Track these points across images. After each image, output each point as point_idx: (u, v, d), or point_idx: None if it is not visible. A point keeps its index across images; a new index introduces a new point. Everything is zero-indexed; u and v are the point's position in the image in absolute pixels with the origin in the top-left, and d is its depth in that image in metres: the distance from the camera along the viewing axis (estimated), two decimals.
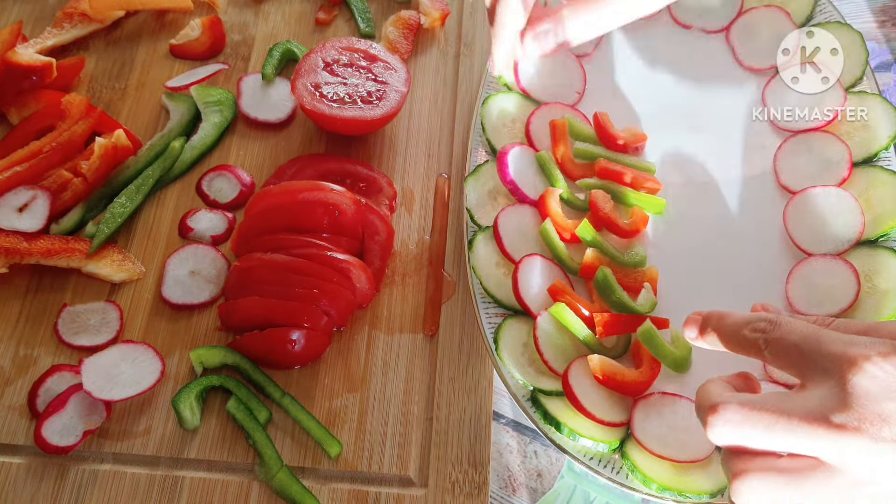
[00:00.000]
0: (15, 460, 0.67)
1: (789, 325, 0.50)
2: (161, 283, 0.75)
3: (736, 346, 0.54)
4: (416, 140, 0.84)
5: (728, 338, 0.55)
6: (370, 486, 0.66)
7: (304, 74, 0.79)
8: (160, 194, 0.81)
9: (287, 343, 0.69)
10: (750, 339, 0.52)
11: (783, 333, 0.50)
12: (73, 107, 0.81)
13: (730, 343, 0.55)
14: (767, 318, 0.52)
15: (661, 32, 0.87)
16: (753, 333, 0.52)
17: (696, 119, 0.82)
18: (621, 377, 0.66)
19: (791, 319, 0.51)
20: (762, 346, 0.51)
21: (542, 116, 0.80)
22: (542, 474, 0.71)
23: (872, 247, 0.71)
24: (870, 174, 0.74)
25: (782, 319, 0.51)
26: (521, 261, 0.71)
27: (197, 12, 0.93)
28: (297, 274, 0.70)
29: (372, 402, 0.70)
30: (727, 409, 0.48)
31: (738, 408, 0.47)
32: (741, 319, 0.54)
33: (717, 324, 0.56)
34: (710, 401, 0.49)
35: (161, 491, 0.66)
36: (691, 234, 0.76)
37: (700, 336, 0.57)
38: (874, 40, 0.92)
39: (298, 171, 0.80)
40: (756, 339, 0.51)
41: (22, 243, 0.73)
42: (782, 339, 0.50)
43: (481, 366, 0.72)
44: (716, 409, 0.48)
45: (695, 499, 0.61)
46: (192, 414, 0.68)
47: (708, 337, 0.57)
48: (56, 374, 0.70)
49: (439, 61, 0.89)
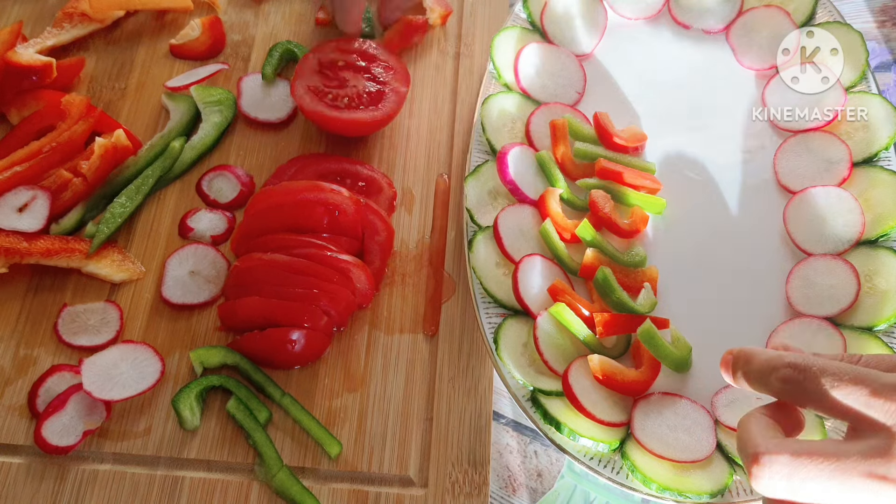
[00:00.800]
0: (15, 460, 0.67)
1: (822, 371, 0.47)
2: (161, 283, 0.75)
3: (772, 394, 0.51)
4: (416, 140, 0.84)
5: (759, 386, 0.51)
6: (370, 486, 0.66)
7: (303, 75, 0.79)
8: (160, 194, 0.81)
9: (287, 343, 0.69)
10: (780, 390, 0.49)
11: (819, 386, 0.46)
12: (73, 107, 0.81)
13: (763, 391, 0.51)
14: (793, 364, 0.48)
15: (661, 32, 0.87)
16: (783, 385, 0.48)
17: (696, 119, 0.82)
18: (621, 377, 0.66)
19: (821, 362, 0.48)
20: (799, 398, 0.48)
21: (542, 116, 0.80)
22: (542, 474, 0.71)
23: (872, 247, 0.71)
24: (870, 174, 0.74)
25: (810, 364, 0.48)
26: (521, 261, 0.71)
27: (197, 12, 0.93)
28: (297, 274, 0.70)
29: (372, 402, 0.70)
30: (775, 461, 0.45)
31: (788, 460, 0.45)
32: (765, 366, 0.50)
33: (745, 369, 0.52)
34: (754, 446, 0.46)
35: (161, 491, 0.66)
36: (691, 234, 0.76)
37: (734, 381, 0.54)
38: (874, 40, 0.92)
39: (298, 171, 0.80)
40: (787, 391, 0.48)
41: (22, 243, 0.73)
42: (820, 392, 0.46)
43: (481, 366, 0.72)
44: (762, 459, 0.45)
45: (695, 499, 0.61)
46: (192, 414, 0.68)
47: (740, 382, 0.53)
48: (56, 374, 0.70)
49: (439, 61, 0.89)
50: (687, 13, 0.87)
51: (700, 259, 0.75)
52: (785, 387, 0.49)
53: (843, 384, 0.46)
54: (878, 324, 0.67)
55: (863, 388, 0.45)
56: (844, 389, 0.46)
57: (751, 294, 0.72)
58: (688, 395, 0.67)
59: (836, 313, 0.69)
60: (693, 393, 0.67)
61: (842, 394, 0.46)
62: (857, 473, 0.43)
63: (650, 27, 0.87)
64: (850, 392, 0.45)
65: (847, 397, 0.45)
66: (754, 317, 0.71)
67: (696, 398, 0.66)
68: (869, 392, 0.45)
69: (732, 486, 0.62)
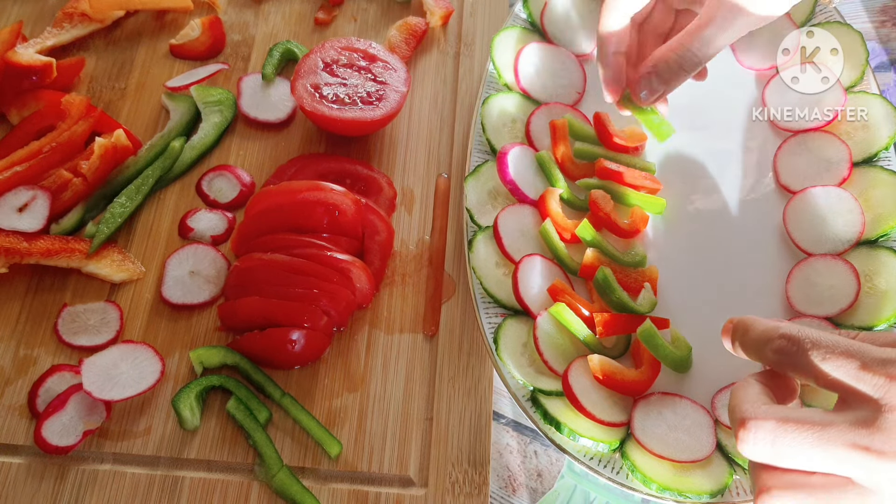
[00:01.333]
0: (15, 460, 0.67)
1: (815, 343, 0.48)
2: (161, 283, 0.75)
3: (767, 364, 0.52)
4: (416, 140, 0.84)
5: (755, 356, 0.53)
6: (370, 486, 0.66)
7: (303, 75, 0.79)
8: (160, 194, 0.81)
9: (287, 343, 0.69)
10: (775, 360, 0.50)
11: (811, 357, 0.47)
12: (73, 107, 0.81)
13: (759, 360, 0.52)
14: (787, 335, 0.49)
15: None
16: (777, 356, 0.50)
17: (696, 119, 0.82)
18: (621, 377, 0.66)
19: (815, 334, 0.48)
20: (791, 369, 0.49)
21: (542, 116, 0.80)
22: (542, 474, 0.71)
23: (872, 247, 0.71)
24: (870, 174, 0.74)
25: (803, 336, 0.48)
26: (521, 261, 0.71)
27: (197, 12, 0.93)
28: (297, 274, 0.70)
29: (372, 402, 0.70)
30: (761, 426, 0.46)
31: (773, 426, 0.46)
32: (761, 336, 0.51)
33: (742, 339, 0.53)
34: (743, 411, 0.47)
35: (161, 491, 0.66)
36: (691, 234, 0.76)
37: (733, 350, 0.55)
38: (874, 40, 0.92)
39: (298, 171, 0.80)
40: (781, 361, 0.49)
41: (22, 243, 0.73)
42: (811, 363, 0.47)
43: (481, 366, 0.72)
44: (749, 424, 0.47)
45: (695, 499, 0.61)
46: (192, 414, 0.68)
47: (739, 352, 0.54)
48: (56, 374, 0.70)
49: (439, 61, 0.89)
50: None
51: (700, 259, 0.75)
52: (778, 357, 0.50)
53: (834, 356, 0.47)
54: (878, 324, 0.67)
55: (853, 360, 0.46)
56: (835, 362, 0.47)
57: (751, 294, 0.72)
58: (688, 395, 0.67)
59: (836, 313, 0.69)
60: (693, 393, 0.67)
61: (832, 366, 0.47)
62: (841, 442, 0.44)
63: None
64: (840, 364, 0.46)
65: (837, 369, 0.46)
66: None
67: (696, 398, 0.66)
68: (858, 365, 0.46)
69: (732, 486, 0.62)
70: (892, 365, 0.45)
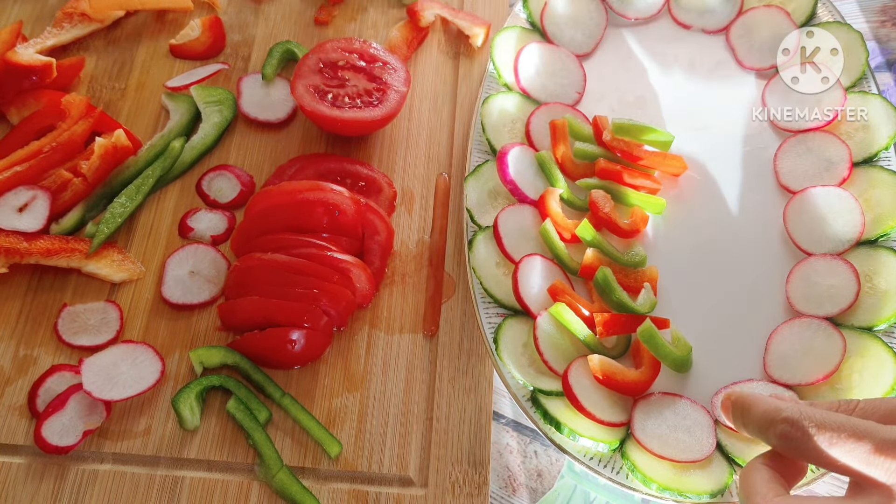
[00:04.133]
0: (15, 460, 0.67)
1: (819, 426, 0.46)
2: (161, 283, 0.75)
3: (770, 446, 0.51)
4: (416, 140, 0.84)
5: (758, 437, 0.51)
6: (370, 486, 0.66)
7: (303, 75, 0.79)
8: (160, 194, 0.81)
9: (287, 343, 0.69)
10: (779, 446, 0.49)
11: (818, 442, 0.46)
12: (73, 107, 0.81)
13: (764, 442, 0.51)
14: (789, 420, 0.48)
15: (661, 32, 0.87)
16: (781, 442, 0.48)
17: (696, 119, 0.82)
18: (621, 377, 0.66)
19: (818, 416, 0.47)
20: (797, 454, 0.48)
21: (542, 116, 0.80)
22: (542, 474, 0.71)
23: (872, 247, 0.71)
24: (870, 174, 0.74)
25: (806, 419, 0.47)
26: (521, 261, 0.71)
27: (197, 12, 0.93)
28: (297, 274, 0.70)
29: (372, 402, 0.70)
30: None
31: None
32: (762, 419, 0.50)
33: (743, 420, 0.53)
34: (755, 501, 0.47)
35: (161, 491, 0.66)
36: (691, 234, 0.76)
37: (734, 427, 0.54)
38: (874, 40, 0.92)
39: (298, 171, 0.80)
40: (786, 447, 0.48)
41: (22, 243, 0.73)
42: (818, 449, 0.46)
43: (481, 366, 0.72)
44: None
45: (695, 499, 0.61)
46: (192, 414, 0.68)
47: (741, 430, 0.53)
48: (56, 374, 0.70)
49: (439, 61, 0.89)
50: (687, 13, 0.87)
51: (700, 259, 0.75)
52: (783, 443, 0.48)
53: (842, 441, 0.45)
54: (878, 324, 0.67)
55: (862, 444, 0.45)
56: (843, 446, 0.45)
57: (751, 294, 0.72)
58: (688, 395, 0.67)
59: (836, 313, 0.69)
60: (693, 393, 0.67)
61: (840, 451, 0.45)
62: None
63: (650, 27, 0.87)
64: (849, 449, 0.45)
65: (846, 455, 0.45)
66: (754, 317, 0.71)
67: (696, 398, 0.66)
68: (868, 450, 0.44)
69: (732, 486, 0.62)
70: None
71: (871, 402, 0.49)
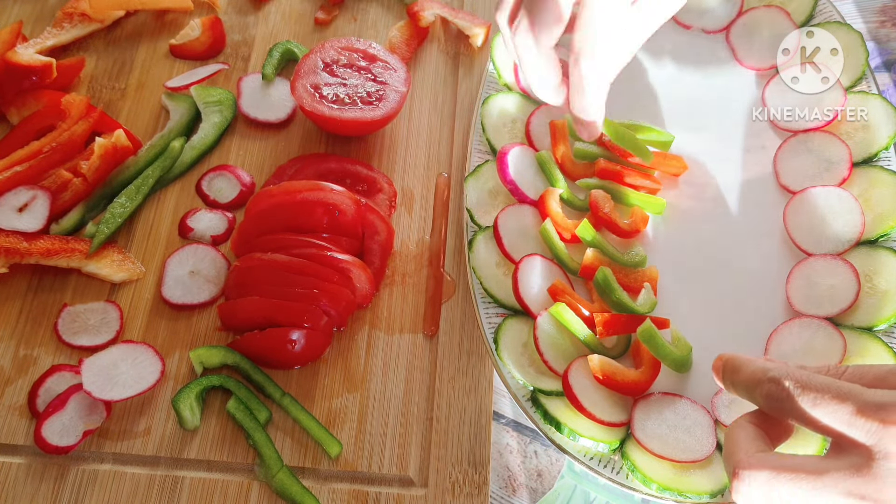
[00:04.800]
0: (15, 460, 0.67)
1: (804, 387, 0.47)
2: (161, 283, 0.75)
3: (757, 405, 0.51)
4: (416, 140, 0.84)
5: (746, 397, 0.52)
6: (370, 486, 0.66)
7: (303, 75, 0.79)
8: (160, 194, 0.81)
9: (287, 343, 0.69)
10: (765, 405, 0.50)
11: (801, 402, 0.47)
12: (73, 107, 0.81)
13: (751, 402, 0.52)
14: (775, 379, 0.48)
15: (661, 32, 0.87)
16: (766, 401, 0.49)
17: (696, 119, 0.82)
18: (621, 377, 0.66)
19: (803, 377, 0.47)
20: (782, 413, 0.48)
21: (542, 116, 0.80)
22: (542, 474, 0.71)
23: (872, 247, 0.71)
24: (870, 174, 0.74)
25: (792, 380, 0.48)
26: (521, 261, 0.71)
27: (197, 12, 0.93)
28: (297, 274, 0.70)
29: (372, 402, 0.70)
30: (755, 477, 0.46)
31: (767, 476, 0.46)
32: (750, 379, 0.51)
33: (732, 379, 0.53)
34: (737, 461, 0.47)
35: (161, 491, 0.66)
36: (691, 234, 0.76)
37: (724, 387, 0.55)
38: (874, 40, 0.92)
39: (298, 171, 0.80)
40: (771, 406, 0.49)
41: (22, 243, 0.73)
42: (801, 409, 0.47)
43: (481, 366, 0.72)
44: (742, 475, 0.47)
45: (695, 499, 0.61)
46: (192, 414, 0.68)
47: (729, 390, 0.54)
48: (56, 374, 0.70)
49: (439, 61, 0.89)
50: (687, 13, 0.87)
51: (700, 259, 0.75)
52: (768, 402, 0.49)
53: (825, 401, 0.46)
54: (878, 324, 0.67)
55: (845, 405, 0.45)
56: (826, 407, 0.46)
57: (751, 294, 0.72)
58: (688, 395, 0.67)
59: (836, 313, 0.69)
60: (693, 393, 0.67)
61: (823, 411, 0.46)
62: (836, 492, 0.44)
63: None
64: (832, 410, 0.45)
65: (829, 415, 0.46)
66: (754, 317, 0.71)
67: (696, 398, 0.66)
68: (850, 410, 0.45)
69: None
70: (885, 409, 0.44)
71: (859, 367, 0.49)
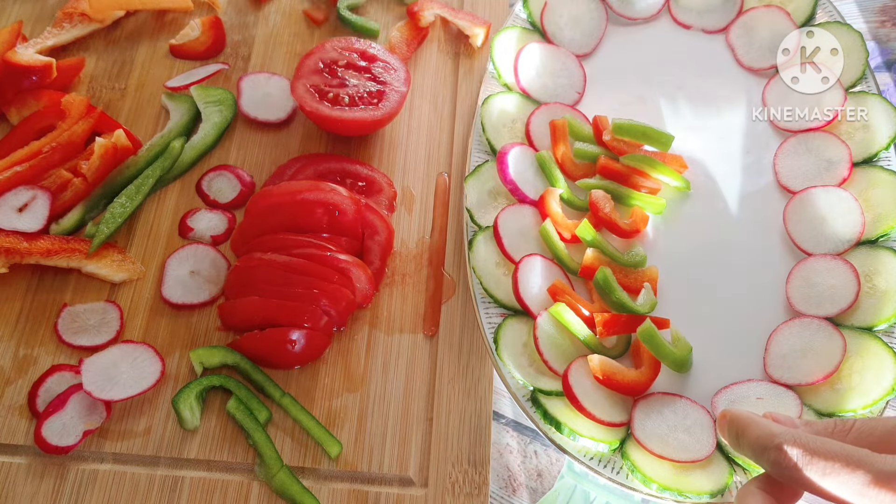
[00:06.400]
0: (15, 460, 0.67)
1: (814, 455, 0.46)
2: (161, 283, 0.75)
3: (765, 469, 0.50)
4: (416, 140, 0.84)
5: (753, 460, 0.51)
6: (370, 486, 0.66)
7: (303, 75, 0.79)
8: (160, 194, 0.81)
9: (287, 343, 0.69)
10: (773, 472, 0.49)
11: (810, 472, 0.45)
12: (73, 107, 0.81)
13: (759, 465, 0.51)
14: (782, 448, 0.47)
15: (661, 32, 0.87)
16: (774, 469, 0.48)
17: (696, 119, 0.82)
18: (621, 377, 0.66)
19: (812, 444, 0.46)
20: (791, 482, 0.47)
21: (542, 116, 0.80)
22: (542, 474, 0.71)
23: (872, 247, 0.71)
24: (870, 174, 0.74)
25: (800, 448, 0.46)
26: (521, 261, 0.71)
27: (197, 12, 0.93)
28: (297, 274, 0.70)
29: (372, 402, 0.70)
30: None
31: None
32: (756, 444, 0.50)
33: (738, 442, 0.52)
34: None
35: (161, 491, 0.66)
36: (691, 233, 0.76)
37: (730, 445, 0.54)
38: (874, 40, 0.92)
39: (298, 171, 0.80)
40: (780, 474, 0.48)
41: (22, 243, 0.73)
42: (811, 480, 0.46)
43: (481, 366, 0.72)
44: None
45: (695, 499, 0.61)
46: (192, 414, 0.68)
47: (737, 451, 0.53)
48: (56, 374, 0.70)
49: (439, 61, 0.89)
50: (687, 13, 0.87)
51: (700, 259, 0.75)
52: (776, 470, 0.48)
53: (836, 471, 0.45)
54: (878, 324, 0.67)
55: (856, 475, 0.44)
56: (837, 477, 0.45)
57: (751, 294, 0.72)
58: (688, 395, 0.67)
59: (836, 313, 0.69)
60: (693, 393, 0.67)
61: (834, 482, 0.45)
62: None
63: (650, 27, 0.87)
64: (843, 480, 0.44)
65: (840, 486, 0.45)
66: (754, 317, 0.71)
67: (696, 398, 0.66)
68: (862, 481, 0.44)
69: (732, 485, 0.62)
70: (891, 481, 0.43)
71: (867, 423, 0.48)
